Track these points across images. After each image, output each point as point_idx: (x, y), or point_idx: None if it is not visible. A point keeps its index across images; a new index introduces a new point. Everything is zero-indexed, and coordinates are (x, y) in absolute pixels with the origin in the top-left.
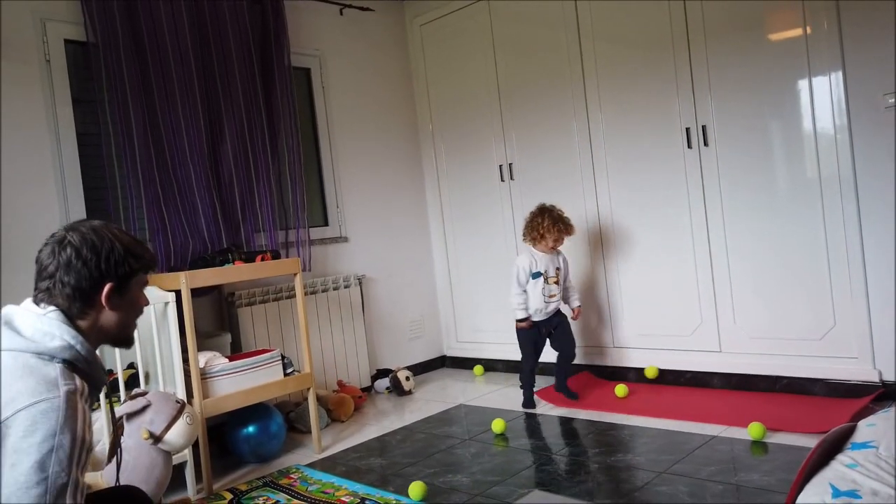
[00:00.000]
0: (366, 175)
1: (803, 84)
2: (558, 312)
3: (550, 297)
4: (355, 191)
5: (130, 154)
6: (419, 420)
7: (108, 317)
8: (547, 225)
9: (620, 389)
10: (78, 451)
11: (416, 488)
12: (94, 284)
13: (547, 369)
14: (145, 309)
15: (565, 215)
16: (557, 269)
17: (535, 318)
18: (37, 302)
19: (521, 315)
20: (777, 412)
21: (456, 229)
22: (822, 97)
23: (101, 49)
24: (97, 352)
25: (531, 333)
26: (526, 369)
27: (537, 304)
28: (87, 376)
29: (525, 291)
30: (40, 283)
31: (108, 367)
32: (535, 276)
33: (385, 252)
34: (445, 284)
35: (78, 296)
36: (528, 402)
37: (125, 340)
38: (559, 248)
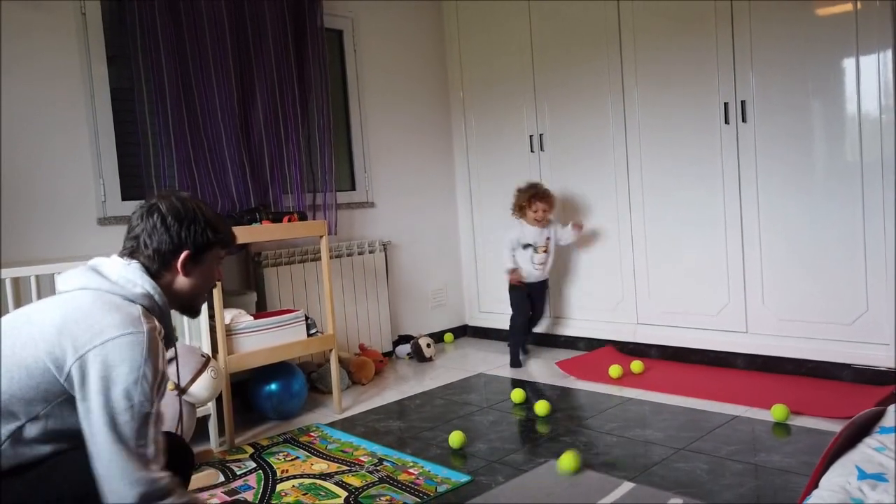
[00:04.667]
0: (394, 141)
1: (850, 63)
2: (545, 281)
3: (540, 264)
4: (383, 156)
5: (162, 111)
6: (439, 386)
7: (182, 282)
8: (529, 199)
9: (636, 366)
10: (158, 382)
11: (456, 437)
12: (173, 250)
13: (570, 343)
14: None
15: (546, 189)
16: (547, 238)
17: (527, 280)
18: (121, 256)
19: (510, 265)
20: (801, 395)
21: (483, 199)
22: (868, 77)
23: (135, 5)
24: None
25: (523, 292)
26: (518, 324)
27: (528, 270)
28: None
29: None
30: (127, 241)
31: None
32: (525, 247)
33: (411, 219)
34: (470, 254)
35: (157, 258)
36: (516, 361)
37: (193, 309)
38: (549, 220)
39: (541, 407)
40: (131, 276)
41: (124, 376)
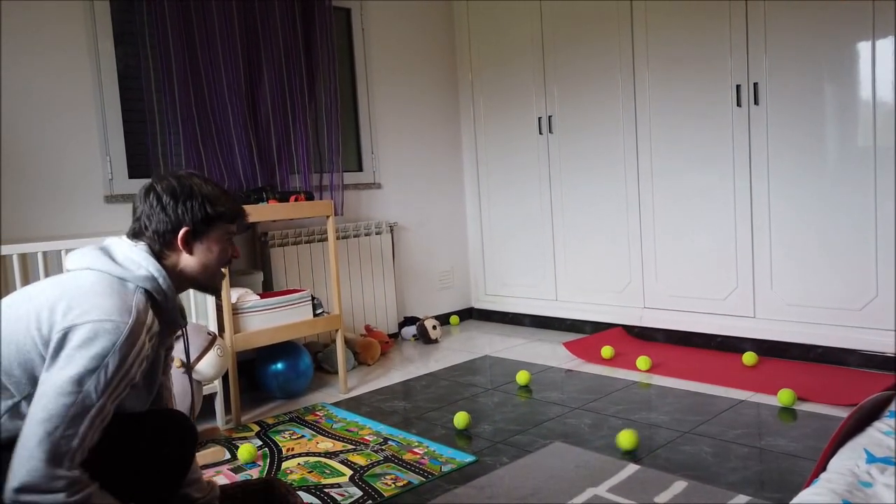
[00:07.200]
0: (402, 121)
1: (865, 46)
2: None
3: None
4: (391, 137)
5: (169, 91)
6: (444, 368)
7: (188, 260)
8: None
9: (642, 362)
10: (118, 379)
11: (461, 417)
12: (172, 228)
13: (577, 326)
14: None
15: None
16: None
17: None
18: (129, 238)
19: None
20: (809, 381)
21: (491, 181)
22: (884, 62)
23: None
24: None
25: None
26: None
27: None
28: (162, 311)
29: None
30: (133, 223)
31: None
32: None
33: (418, 201)
34: (477, 237)
35: (157, 238)
36: None
37: (210, 287)
38: None
39: (626, 439)
40: (136, 258)
41: (85, 361)
